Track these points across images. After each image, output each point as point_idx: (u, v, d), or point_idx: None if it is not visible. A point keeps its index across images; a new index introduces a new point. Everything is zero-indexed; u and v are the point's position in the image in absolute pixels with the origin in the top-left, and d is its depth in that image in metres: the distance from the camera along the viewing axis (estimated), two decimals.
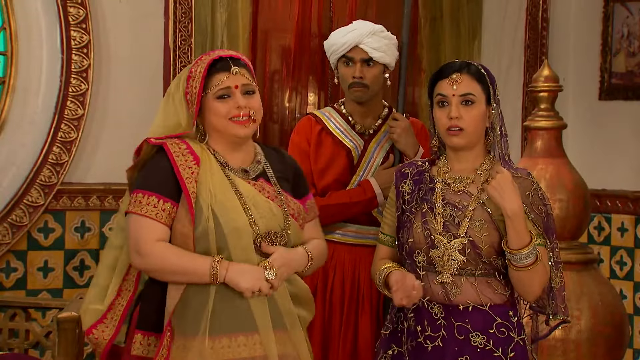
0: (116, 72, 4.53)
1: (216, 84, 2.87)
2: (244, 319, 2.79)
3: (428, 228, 2.90)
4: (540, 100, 4.28)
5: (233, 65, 2.88)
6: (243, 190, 2.86)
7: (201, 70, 2.87)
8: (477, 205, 2.89)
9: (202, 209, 2.80)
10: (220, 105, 2.87)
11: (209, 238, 2.79)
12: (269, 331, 2.80)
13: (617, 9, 5.37)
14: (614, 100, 5.40)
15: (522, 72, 5.51)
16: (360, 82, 3.73)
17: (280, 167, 2.99)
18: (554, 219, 2.97)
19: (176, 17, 4.59)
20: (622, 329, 4.21)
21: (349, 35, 3.73)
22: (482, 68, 2.95)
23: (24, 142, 4.33)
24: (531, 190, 2.90)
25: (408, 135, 3.73)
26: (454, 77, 2.91)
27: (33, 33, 4.32)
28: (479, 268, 2.87)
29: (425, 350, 2.90)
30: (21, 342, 4.05)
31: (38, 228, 4.41)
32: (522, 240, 2.80)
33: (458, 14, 5.33)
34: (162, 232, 2.81)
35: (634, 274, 5.25)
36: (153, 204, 2.81)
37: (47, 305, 4.20)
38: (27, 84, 4.33)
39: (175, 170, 2.82)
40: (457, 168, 2.97)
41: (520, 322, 2.92)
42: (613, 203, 5.34)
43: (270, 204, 2.88)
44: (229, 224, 2.80)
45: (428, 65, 5.24)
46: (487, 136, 2.97)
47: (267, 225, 2.85)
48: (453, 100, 2.90)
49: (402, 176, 3.03)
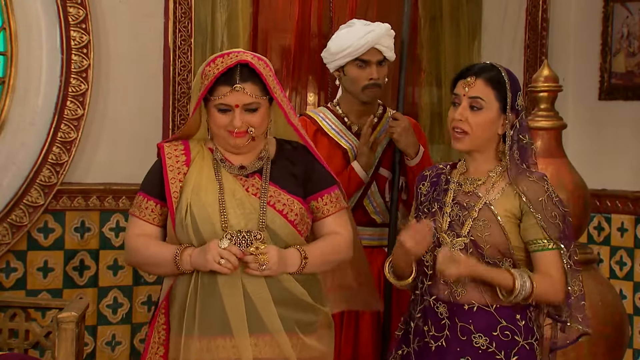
0: (116, 72, 4.52)
1: (218, 96, 2.86)
2: (222, 321, 2.81)
3: (435, 227, 2.91)
4: (540, 100, 4.28)
5: (241, 79, 2.85)
6: (227, 187, 2.88)
7: (212, 74, 2.85)
8: (482, 206, 2.89)
9: (182, 207, 2.86)
10: (219, 117, 2.89)
11: (187, 234, 2.85)
12: (244, 335, 2.80)
13: (617, 9, 5.37)
14: (613, 101, 5.40)
15: (522, 72, 5.50)
16: (376, 82, 3.73)
17: (287, 162, 2.97)
18: (571, 223, 2.94)
19: (176, 17, 4.58)
20: (621, 329, 4.21)
21: (369, 36, 3.70)
22: (507, 75, 2.91)
23: (23, 142, 4.33)
24: (545, 196, 2.88)
25: (408, 135, 3.72)
26: (468, 80, 2.91)
27: (33, 33, 4.31)
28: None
29: (429, 350, 2.91)
30: (21, 342, 4.04)
31: (38, 228, 4.41)
32: (505, 285, 2.82)
33: (458, 13, 5.33)
34: (148, 229, 2.92)
35: (633, 274, 5.25)
36: (139, 203, 2.95)
37: (47, 305, 4.20)
38: (27, 84, 4.32)
39: (163, 171, 2.91)
40: (472, 169, 2.97)
41: (529, 326, 2.89)
42: (613, 203, 5.34)
43: (253, 200, 2.87)
44: (204, 220, 2.84)
45: (428, 65, 5.25)
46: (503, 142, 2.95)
47: (248, 223, 2.85)
48: (463, 101, 2.90)
49: (422, 178, 3.06)
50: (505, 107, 2.90)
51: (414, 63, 5.23)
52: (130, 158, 4.51)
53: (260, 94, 2.88)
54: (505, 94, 2.89)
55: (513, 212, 2.88)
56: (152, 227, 2.93)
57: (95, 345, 4.53)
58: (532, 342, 2.89)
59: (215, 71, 2.85)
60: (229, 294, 2.81)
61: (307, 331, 2.90)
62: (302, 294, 2.89)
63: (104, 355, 4.55)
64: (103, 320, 4.54)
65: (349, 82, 3.77)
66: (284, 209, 2.89)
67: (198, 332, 2.81)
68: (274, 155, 2.98)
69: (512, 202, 2.89)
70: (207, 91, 2.86)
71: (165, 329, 2.91)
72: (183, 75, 4.60)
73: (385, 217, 3.80)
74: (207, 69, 2.88)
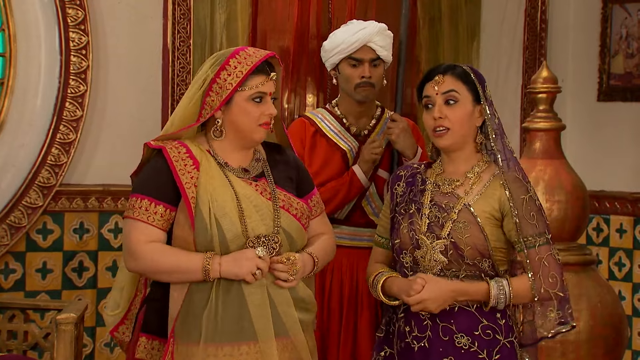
0: (115, 74, 4.52)
1: (254, 85, 2.84)
2: (247, 328, 2.76)
3: (413, 229, 2.93)
4: (539, 101, 4.29)
5: (270, 70, 2.87)
6: (241, 193, 2.85)
7: (247, 66, 2.81)
8: (462, 207, 2.90)
9: (202, 214, 2.78)
10: (254, 108, 2.85)
11: (212, 243, 2.78)
12: (270, 340, 2.77)
13: (616, 11, 5.37)
14: (612, 102, 5.40)
15: (521, 74, 5.51)
16: (368, 81, 3.73)
17: (283, 166, 2.97)
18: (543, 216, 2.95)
19: (175, 19, 4.58)
20: (620, 330, 4.22)
21: (360, 34, 3.71)
22: (470, 69, 2.98)
23: (22, 143, 4.33)
24: (527, 196, 2.90)
25: (406, 136, 3.72)
26: (437, 79, 2.95)
27: (32, 34, 4.31)
28: (463, 270, 2.89)
29: (412, 350, 2.92)
30: (20, 344, 4.05)
31: (37, 229, 4.41)
32: (479, 296, 2.86)
33: (457, 14, 5.33)
34: (155, 234, 2.80)
35: (632, 275, 5.26)
36: (145, 207, 2.80)
37: (46, 306, 4.20)
38: (25, 85, 4.32)
39: (174, 175, 2.80)
40: (449, 170, 2.99)
41: (509, 324, 2.92)
42: (612, 204, 5.35)
43: (268, 204, 2.86)
44: (229, 228, 2.79)
45: (427, 66, 5.24)
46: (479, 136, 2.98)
47: (266, 227, 2.83)
48: (437, 100, 2.93)
49: (397, 178, 3.07)
50: (478, 99, 2.93)
51: (413, 64, 5.24)
52: (129, 159, 4.48)
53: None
54: (475, 86, 2.93)
55: (492, 214, 2.90)
56: (160, 232, 2.80)
57: (94, 346, 4.53)
58: (512, 339, 2.92)
59: (250, 63, 2.81)
60: (255, 299, 2.78)
61: (306, 330, 2.90)
62: (309, 296, 2.91)
63: (102, 356, 4.55)
64: (102, 321, 4.53)
65: (343, 81, 3.78)
66: (297, 212, 2.89)
67: (220, 339, 2.75)
68: (265, 156, 2.97)
69: (491, 203, 2.91)
70: (239, 85, 2.82)
71: (172, 349, 2.77)
72: (182, 77, 4.60)
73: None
74: (235, 62, 2.82)
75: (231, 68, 2.82)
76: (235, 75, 2.81)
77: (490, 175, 2.95)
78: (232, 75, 2.81)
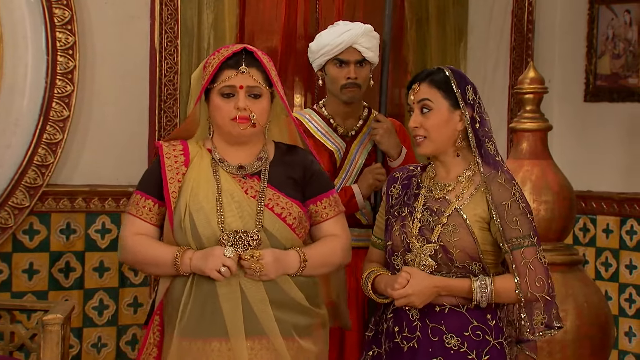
0: (102, 74, 4.51)
1: (223, 80, 2.87)
2: (218, 324, 2.80)
3: (405, 232, 2.94)
4: (526, 102, 4.30)
5: (246, 64, 2.87)
6: (225, 188, 2.87)
7: (217, 61, 2.86)
8: (452, 211, 2.91)
9: (180, 208, 2.85)
10: (223, 103, 2.88)
11: (185, 236, 2.84)
12: (240, 338, 2.79)
13: (602, 11, 5.39)
14: (599, 102, 5.42)
15: (508, 74, 5.52)
16: (354, 82, 3.74)
17: (286, 166, 2.97)
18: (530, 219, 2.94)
19: (162, 19, 4.58)
20: (607, 330, 4.23)
21: (345, 35, 3.72)
22: (452, 73, 2.95)
23: (9, 144, 4.31)
24: (510, 200, 2.89)
25: (391, 136, 3.74)
26: (413, 87, 2.98)
27: (18, 34, 4.30)
28: (453, 272, 2.90)
29: (401, 350, 2.92)
30: (6, 345, 4.03)
31: (23, 230, 4.39)
32: (462, 292, 2.87)
33: (444, 15, 5.34)
34: (144, 228, 2.90)
35: (619, 275, 5.27)
36: (136, 202, 2.92)
37: (32, 307, 4.19)
38: (12, 85, 4.31)
39: (162, 171, 2.88)
40: (441, 174, 3.00)
41: (499, 325, 2.93)
42: (598, 204, 5.36)
43: (250, 202, 2.87)
44: (201, 222, 2.83)
45: (414, 67, 5.25)
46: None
47: (245, 224, 2.84)
48: (414, 109, 2.96)
49: (393, 180, 3.08)
50: (457, 104, 2.92)
51: (401, 65, 5.24)
52: (116, 160, 4.50)
53: (263, 82, 2.90)
54: (453, 91, 2.91)
55: (482, 217, 2.90)
56: (149, 226, 2.91)
57: (81, 347, 4.52)
58: (502, 341, 2.92)
59: (221, 57, 2.87)
60: (227, 296, 2.81)
61: (304, 334, 2.89)
62: (301, 298, 2.89)
63: (89, 357, 4.54)
64: (89, 322, 4.53)
65: (330, 82, 3.79)
66: (283, 212, 2.89)
67: (192, 334, 2.80)
68: (272, 157, 2.97)
69: (481, 206, 2.91)
70: (211, 79, 2.86)
71: (159, 330, 2.91)
72: (169, 77, 4.60)
73: (370, 218, 3.82)
74: (212, 58, 2.89)
75: (208, 65, 2.89)
76: (208, 71, 2.88)
77: (481, 178, 2.95)
78: (206, 71, 2.89)
